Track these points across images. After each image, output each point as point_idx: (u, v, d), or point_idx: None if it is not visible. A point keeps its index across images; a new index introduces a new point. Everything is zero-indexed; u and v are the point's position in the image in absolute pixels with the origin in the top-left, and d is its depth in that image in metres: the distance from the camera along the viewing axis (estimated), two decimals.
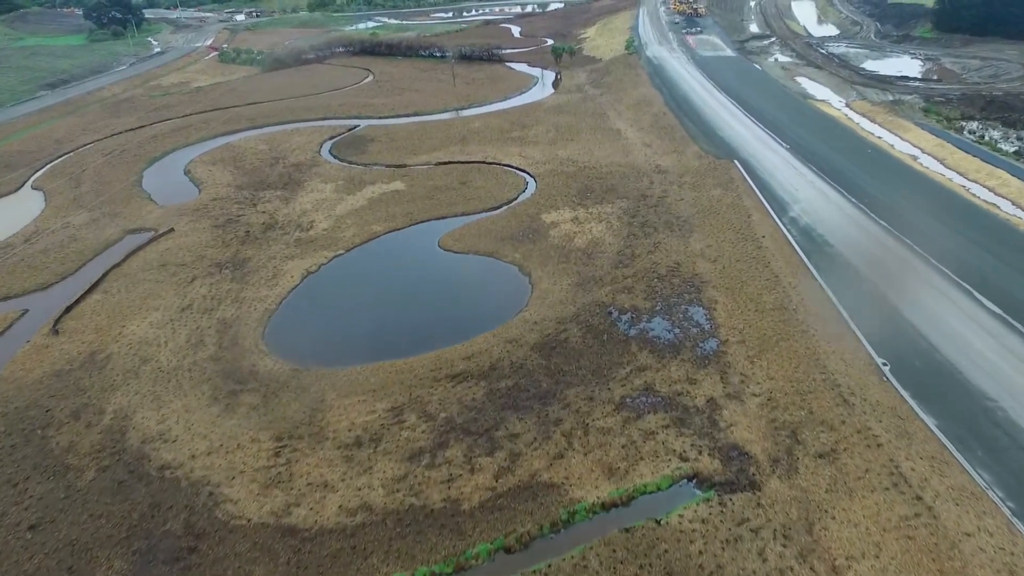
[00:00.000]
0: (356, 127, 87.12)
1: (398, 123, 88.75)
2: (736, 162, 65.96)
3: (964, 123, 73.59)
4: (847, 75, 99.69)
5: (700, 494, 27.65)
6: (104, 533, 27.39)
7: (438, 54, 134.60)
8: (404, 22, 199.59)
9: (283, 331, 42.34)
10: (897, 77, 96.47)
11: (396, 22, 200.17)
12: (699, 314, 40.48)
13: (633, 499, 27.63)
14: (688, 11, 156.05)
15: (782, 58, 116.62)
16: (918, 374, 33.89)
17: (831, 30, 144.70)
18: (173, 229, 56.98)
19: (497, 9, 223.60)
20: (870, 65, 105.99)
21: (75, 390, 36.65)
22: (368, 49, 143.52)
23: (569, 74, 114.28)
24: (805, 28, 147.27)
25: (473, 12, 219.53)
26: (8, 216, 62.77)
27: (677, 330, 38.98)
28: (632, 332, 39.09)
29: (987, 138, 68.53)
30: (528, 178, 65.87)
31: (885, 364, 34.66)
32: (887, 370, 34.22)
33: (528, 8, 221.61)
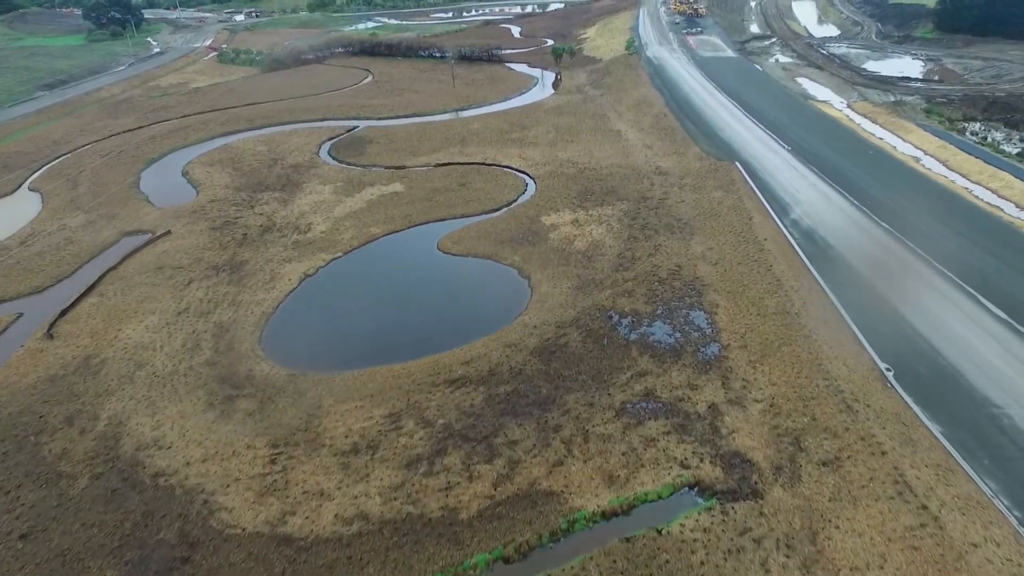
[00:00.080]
0: (355, 128, 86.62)
1: (397, 124, 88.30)
2: (737, 164, 65.56)
3: (966, 124, 73.26)
4: (848, 76, 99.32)
5: (702, 503, 27.26)
6: (97, 542, 26.98)
7: (438, 55, 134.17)
8: (404, 22, 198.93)
9: (280, 335, 41.94)
10: (898, 78, 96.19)
11: (396, 22, 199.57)
12: (700, 318, 40.07)
13: (634, 508, 27.22)
14: (688, 11, 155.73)
15: (783, 59, 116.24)
16: (922, 379, 33.50)
17: (832, 30, 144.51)
18: (170, 231, 56.57)
19: (497, 9, 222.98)
20: (871, 66, 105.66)
21: (69, 395, 36.22)
22: (367, 49, 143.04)
23: (569, 75, 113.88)
24: (806, 28, 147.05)
25: (473, 12, 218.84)
26: (4, 218, 62.33)
27: (678, 334, 38.56)
28: (632, 336, 38.68)
29: (990, 139, 68.22)
30: (528, 180, 65.47)
31: (889, 369, 34.26)
32: (891, 375, 33.82)
33: (528, 8, 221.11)
